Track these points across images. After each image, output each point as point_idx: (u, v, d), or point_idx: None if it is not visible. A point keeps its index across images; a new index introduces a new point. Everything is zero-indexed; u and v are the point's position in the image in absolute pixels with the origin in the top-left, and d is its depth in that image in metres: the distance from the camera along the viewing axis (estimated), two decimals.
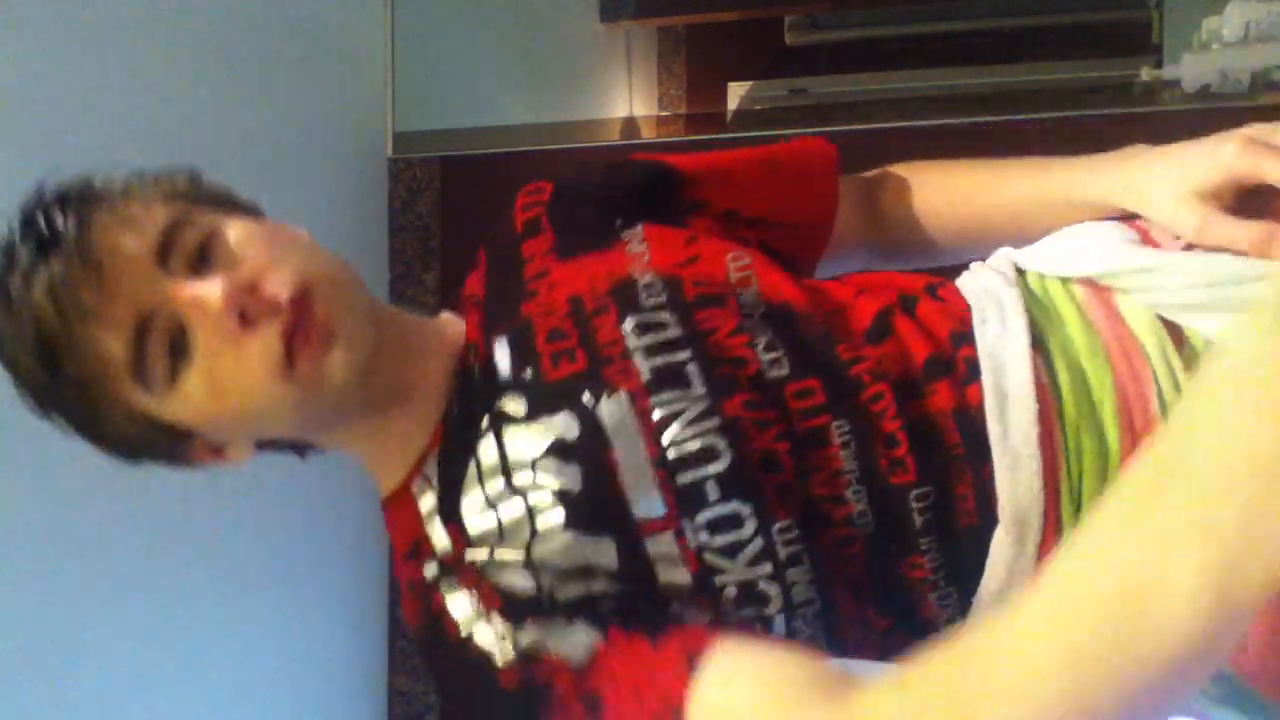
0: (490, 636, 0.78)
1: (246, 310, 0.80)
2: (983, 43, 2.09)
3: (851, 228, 1.03)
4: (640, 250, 0.90)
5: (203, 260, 0.82)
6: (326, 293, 0.83)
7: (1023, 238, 0.95)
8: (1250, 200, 0.83)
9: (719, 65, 2.17)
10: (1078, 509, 0.78)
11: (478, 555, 0.82)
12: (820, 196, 1.01)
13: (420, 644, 0.86)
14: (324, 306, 0.82)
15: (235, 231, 0.84)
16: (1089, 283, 0.85)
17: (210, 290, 0.80)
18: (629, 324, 0.85)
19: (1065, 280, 0.86)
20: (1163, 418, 0.78)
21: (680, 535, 0.78)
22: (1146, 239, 0.87)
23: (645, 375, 0.83)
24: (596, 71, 2.24)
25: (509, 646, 0.77)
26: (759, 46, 2.16)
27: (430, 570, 0.83)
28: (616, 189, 0.96)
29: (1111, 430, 0.78)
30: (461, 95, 2.29)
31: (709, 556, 0.78)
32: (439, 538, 0.84)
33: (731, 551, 0.78)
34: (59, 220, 0.82)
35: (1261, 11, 1.68)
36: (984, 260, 0.94)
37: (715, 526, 0.78)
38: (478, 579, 0.80)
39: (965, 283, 0.90)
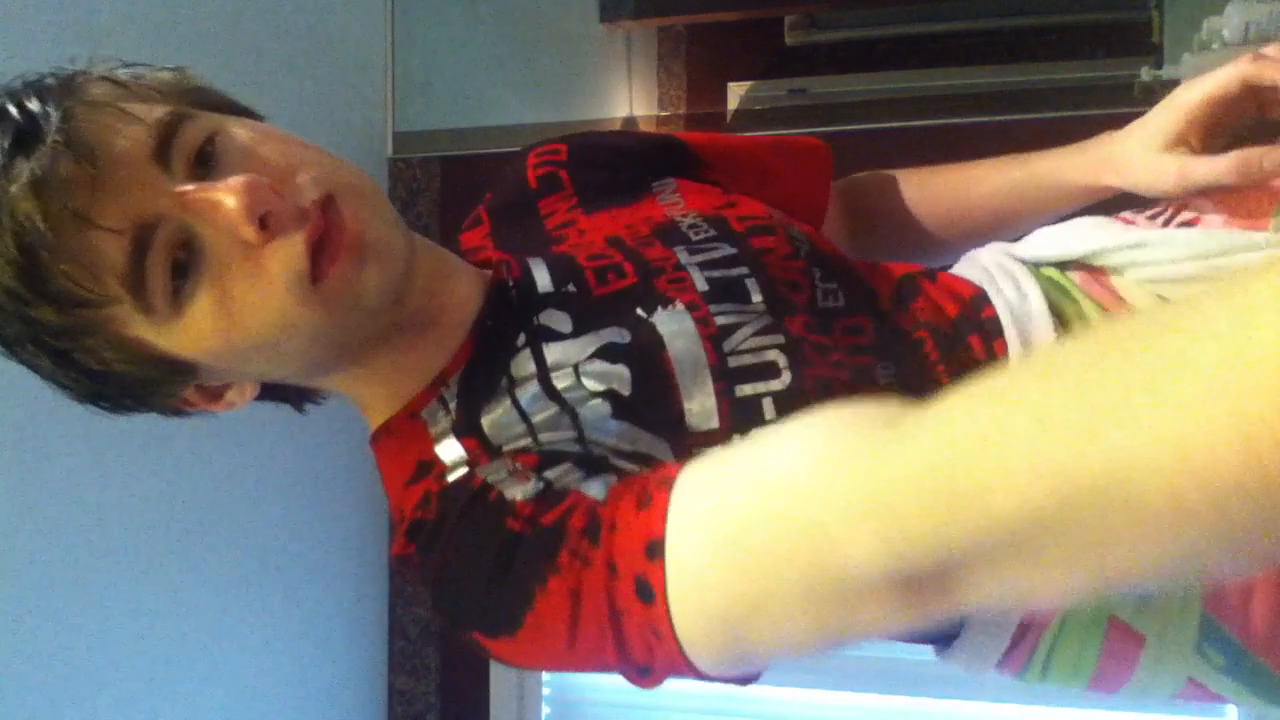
0: (517, 488, 0.69)
1: (269, 215, 0.68)
2: (983, 43, 2.09)
3: (835, 227, 1.03)
4: (674, 200, 0.87)
5: (203, 164, 0.70)
6: (355, 201, 0.72)
7: (1004, 231, 0.96)
8: (1215, 142, 0.86)
9: (719, 65, 2.17)
10: None
11: (518, 444, 0.73)
12: (814, 193, 1.01)
13: (425, 537, 0.72)
14: (353, 214, 0.71)
15: (243, 132, 0.73)
16: (1083, 266, 0.86)
17: (225, 192, 0.68)
18: (679, 248, 0.80)
19: (1060, 266, 0.87)
20: None
21: None
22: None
23: (702, 286, 0.77)
24: (596, 71, 2.24)
25: (534, 485, 0.69)
26: (759, 46, 2.16)
27: (456, 474, 0.73)
28: (633, 152, 0.94)
29: None
30: (461, 95, 2.29)
31: None
32: (453, 453, 0.74)
33: None
34: (38, 110, 0.68)
35: (1262, 12, 1.68)
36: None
37: None
38: (517, 454, 0.72)
39: (962, 269, 0.91)
